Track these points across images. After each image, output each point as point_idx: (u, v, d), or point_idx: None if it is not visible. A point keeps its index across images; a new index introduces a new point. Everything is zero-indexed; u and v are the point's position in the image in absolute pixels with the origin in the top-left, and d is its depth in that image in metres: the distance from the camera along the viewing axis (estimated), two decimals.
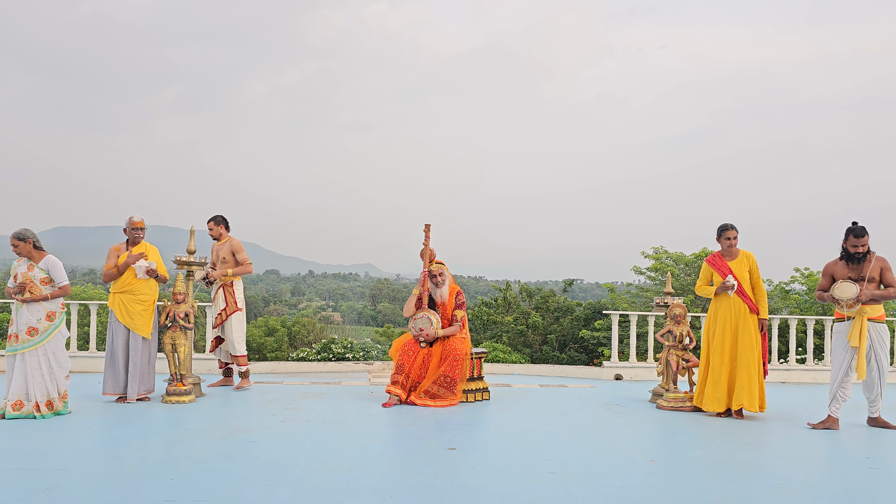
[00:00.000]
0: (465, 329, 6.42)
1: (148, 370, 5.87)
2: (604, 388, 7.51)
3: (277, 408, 5.65)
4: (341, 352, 10.98)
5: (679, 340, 6.30)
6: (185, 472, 3.61)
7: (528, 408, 5.97)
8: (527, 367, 9.13)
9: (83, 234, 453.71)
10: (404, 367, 5.99)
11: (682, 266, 18.98)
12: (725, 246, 5.80)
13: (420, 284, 6.26)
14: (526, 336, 18.11)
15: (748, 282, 5.71)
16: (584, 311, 19.75)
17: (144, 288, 5.85)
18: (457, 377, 5.96)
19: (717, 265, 5.80)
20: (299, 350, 12.08)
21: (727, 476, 3.78)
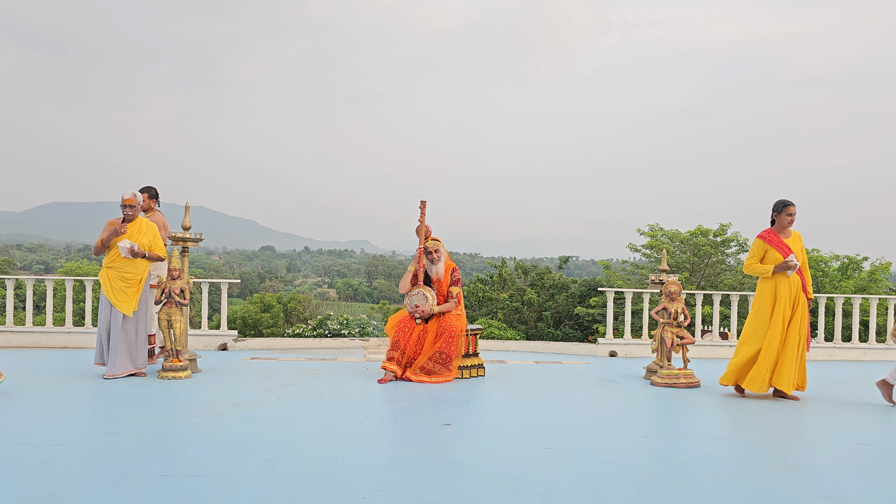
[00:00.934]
0: (461, 306, 6.43)
1: (136, 347, 5.76)
2: (598, 365, 7.55)
3: (273, 383, 5.66)
4: (337, 328, 11.01)
5: (674, 317, 6.32)
6: (182, 447, 3.63)
7: (523, 384, 6.00)
8: (522, 344, 9.17)
9: (77, 210, 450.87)
10: (400, 344, 6.01)
11: (677, 243, 19.00)
12: (787, 222, 5.54)
13: (416, 261, 6.25)
14: (521, 313, 18.19)
15: (803, 261, 5.56)
16: (580, 288, 19.81)
17: (130, 266, 5.76)
18: (452, 353, 5.97)
19: (776, 242, 5.52)
20: (295, 326, 12.11)
21: (720, 452, 3.82)
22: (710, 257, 18.72)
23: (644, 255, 19.05)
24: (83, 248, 79.12)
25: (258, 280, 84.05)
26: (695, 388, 6.02)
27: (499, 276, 20.81)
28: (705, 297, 16.29)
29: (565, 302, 18.68)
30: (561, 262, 21.32)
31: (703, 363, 7.74)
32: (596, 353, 8.54)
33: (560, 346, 9.00)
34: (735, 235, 18.95)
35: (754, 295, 5.68)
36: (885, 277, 18.13)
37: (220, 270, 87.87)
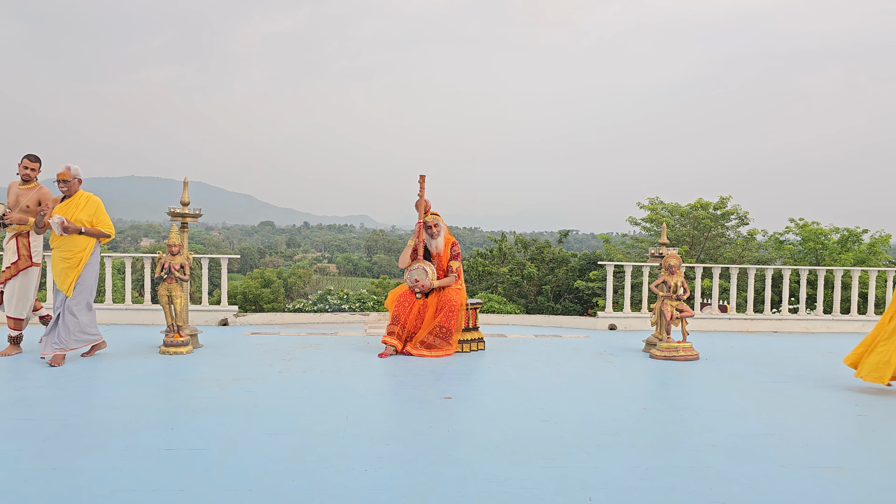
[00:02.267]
0: (461, 280, 6.42)
1: (74, 329, 5.34)
2: (598, 338, 7.58)
3: (274, 358, 5.69)
4: (337, 303, 11.05)
5: (673, 291, 6.33)
6: (184, 422, 3.66)
7: (523, 357, 6.03)
8: (522, 318, 9.20)
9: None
10: (400, 318, 6.03)
11: (677, 217, 18.96)
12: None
13: (415, 236, 6.24)
14: (521, 287, 18.23)
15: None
16: (579, 262, 19.84)
17: (69, 244, 5.37)
18: (452, 328, 6.00)
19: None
20: (295, 301, 12.15)
21: (717, 423, 3.85)
22: (710, 230, 18.70)
23: (644, 229, 19.03)
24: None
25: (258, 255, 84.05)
26: (693, 360, 6.06)
27: (499, 250, 20.81)
28: (705, 271, 16.31)
29: (565, 276, 18.72)
30: (561, 235, 21.31)
31: (701, 336, 7.78)
32: (595, 326, 8.57)
33: (560, 319, 9.03)
34: (735, 208, 18.91)
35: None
36: (884, 250, 18.14)
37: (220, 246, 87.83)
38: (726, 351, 6.73)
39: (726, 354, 6.49)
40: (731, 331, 8.55)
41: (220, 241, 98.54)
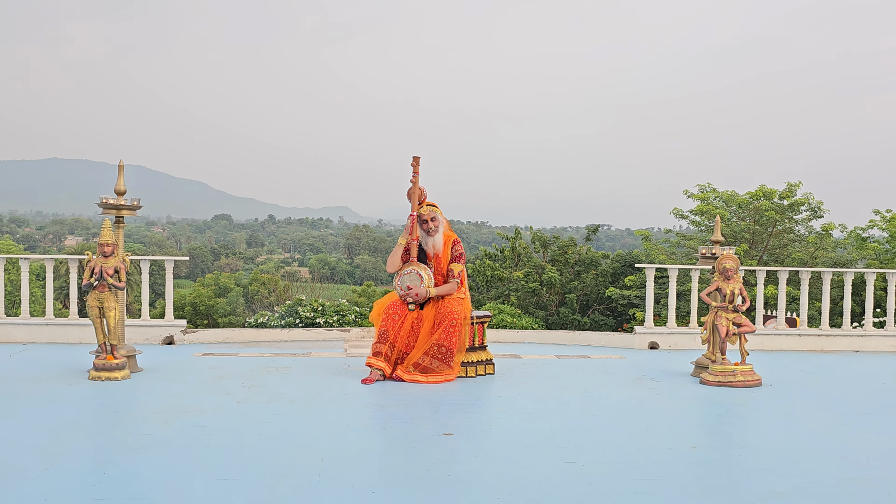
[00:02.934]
0: (465, 287, 6.42)
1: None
2: (636, 360, 7.60)
3: (232, 385, 5.70)
4: (310, 316, 11.04)
5: (729, 300, 6.34)
6: (120, 465, 3.65)
7: (542, 383, 6.04)
8: (540, 334, 9.20)
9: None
10: (389, 335, 6.04)
11: (733, 208, 18.96)
12: None
13: (407, 232, 6.25)
14: (539, 295, 18.27)
15: None
16: (612, 264, 19.88)
17: None
18: (453, 346, 6.01)
19: None
20: (258, 314, 12.14)
21: (784, 466, 3.85)
22: (776, 225, 18.70)
23: (693, 223, 19.02)
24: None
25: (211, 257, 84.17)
26: (755, 387, 6.06)
27: (511, 249, 20.84)
28: (768, 275, 16.32)
29: (594, 282, 18.74)
30: (589, 231, 21.35)
31: (764, 356, 7.78)
32: (632, 344, 8.59)
33: (588, 336, 9.03)
34: (806, 197, 18.90)
35: None
36: None
37: (165, 245, 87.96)
38: (795, 375, 6.74)
39: (795, 379, 6.49)
40: (802, 350, 8.56)
41: (164, 240, 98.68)
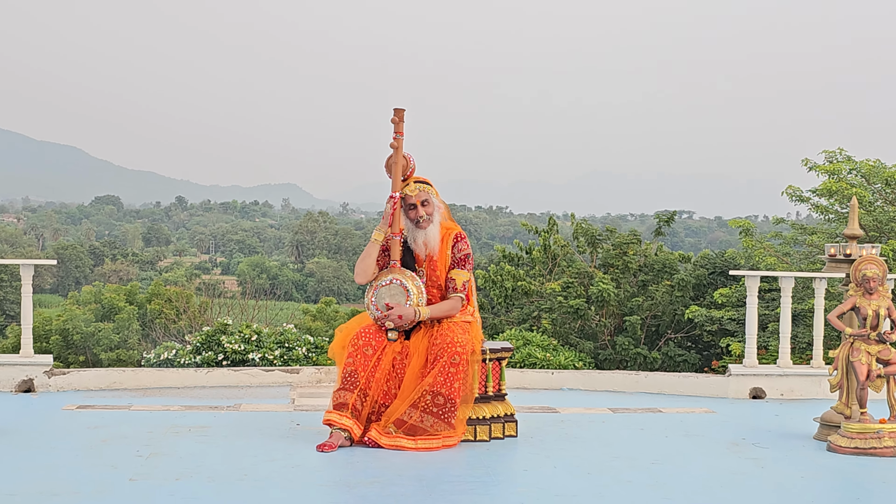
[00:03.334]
0: (473, 306, 6.42)
1: None
2: (731, 414, 7.57)
3: (122, 454, 5.67)
4: (240, 349, 11.00)
5: (872, 325, 6.30)
6: None
7: (590, 451, 6.02)
8: (587, 377, 9.18)
9: None
10: (358, 378, 6.01)
11: (877, 186, 18.89)
12: None
13: (386, 223, 6.22)
14: (586, 318, 18.23)
15: None
16: (695, 270, 19.78)
17: None
18: (455, 395, 5.98)
19: None
20: (161, 347, 12.10)
21: None
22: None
23: (816, 209, 18.94)
24: None
25: (91, 260, 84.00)
26: None
27: (543, 249, 20.78)
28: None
29: (668, 297, 18.71)
30: (660, 222, 21.28)
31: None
32: (726, 392, 8.57)
33: (659, 379, 9.02)
34: None
35: None
36: None
37: (19, 243, 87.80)
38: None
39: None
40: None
41: (18, 234, 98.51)
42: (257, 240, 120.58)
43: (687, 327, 18.82)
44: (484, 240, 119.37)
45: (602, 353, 17.86)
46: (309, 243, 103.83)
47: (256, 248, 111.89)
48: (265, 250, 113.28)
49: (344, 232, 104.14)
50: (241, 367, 10.09)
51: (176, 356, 11.25)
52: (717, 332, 17.90)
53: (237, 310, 26.97)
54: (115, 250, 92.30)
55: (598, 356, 17.70)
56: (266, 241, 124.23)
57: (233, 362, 10.81)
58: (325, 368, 9.31)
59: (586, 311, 17.75)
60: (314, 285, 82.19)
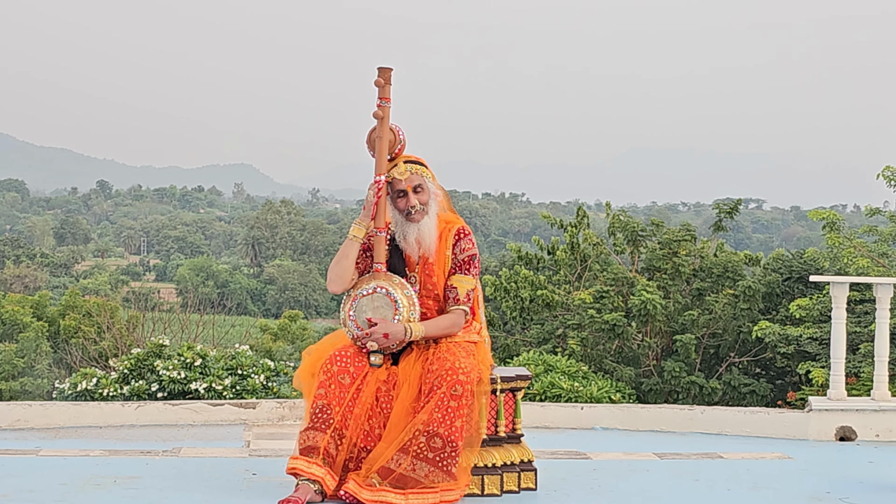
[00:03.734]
0: (479, 320, 6.43)
1: None
2: (812, 461, 7.58)
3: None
4: (180, 377, 11.02)
5: None
6: None
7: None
8: (627, 413, 9.20)
9: None
10: (332, 414, 6.00)
11: None
12: None
13: (368, 215, 6.22)
14: (625, 337, 18.23)
15: None
16: (766, 275, 19.74)
17: None
18: (456, 436, 5.97)
19: None
20: (78, 374, 12.10)
21: None
22: None
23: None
24: None
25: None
26: None
27: (570, 248, 20.76)
28: None
29: (731, 310, 18.71)
30: (721, 213, 21.26)
31: None
32: (805, 432, 8.59)
33: (720, 416, 9.03)
34: None
35: None
36: None
37: None
38: None
39: None
40: None
41: None
42: (202, 237, 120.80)
43: (755, 349, 18.82)
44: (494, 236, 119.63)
45: (646, 382, 17.85)
46: (269, 241, 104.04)
47: (201, 248, 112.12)
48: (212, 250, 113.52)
49: (314, 226, 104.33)
50: (180, 400, 10.10)
51: (97, 386, 11.26)
52: (794, 356, 17.89)
53: (176, 327, 27.02)
54: (19, 250, 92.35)
55: (641, 386, 17.70)
56: (213, 238, 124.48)
57: (170, 394, 10.82)
58: (289, 402, 9.32)
59: (625, 328, 17.75)
60: (275, 295, 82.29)
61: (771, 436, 8.64)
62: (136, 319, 30.11)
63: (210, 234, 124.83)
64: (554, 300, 19.20)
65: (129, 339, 26.35)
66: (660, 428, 8.96)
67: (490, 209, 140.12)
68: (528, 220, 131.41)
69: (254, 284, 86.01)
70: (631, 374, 17.51)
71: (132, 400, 10.30)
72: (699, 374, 17.99)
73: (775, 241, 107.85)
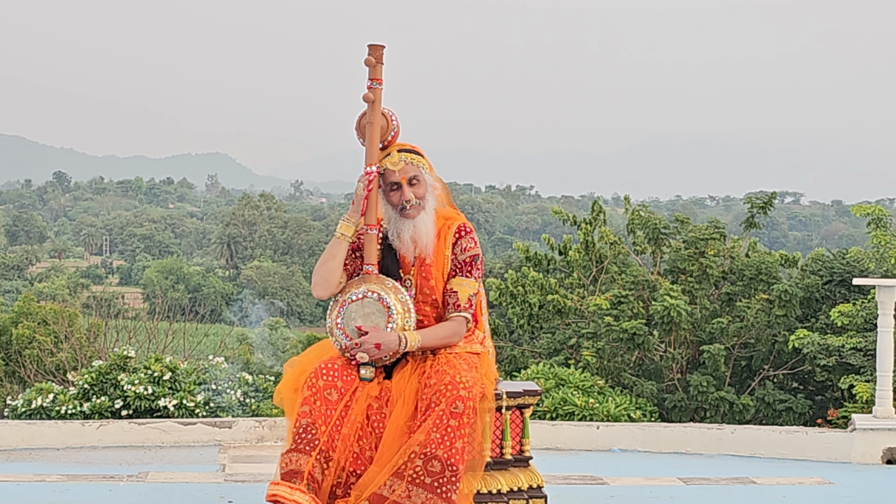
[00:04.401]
0: (482, 328, 6.44)
1: None
2: (856, 486, 7.61)
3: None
4: (147, 393, 11.03)
5: None
6: None
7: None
8: (648, 432, 9.23)
9: None
10: (318, 434, 6.00)
11: None
12: None
13: (358, 210, 6.23)
14: (646, 347, 18.23)
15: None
16: (804, 278, 19.73)
17: None
18: (457, 459, 5.98)
19: None
20: (33, 389, 12.11)
21: None
22: None
23: None
24: None
25: None
26: None
27: (584, 247, 20.75)
28: None
29: (765, 318, 18.72)
30: (753, 208, 21.27)
31: None
32: (848, 454, 8.62)
33: (752, 435, 9.07)
34: None
35: None
36: None
37: None
38: None
39: None
40: None
41: None
42: (171, 235, 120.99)
43: (792, 361, 18.82)
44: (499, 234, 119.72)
45: (669, 398, 17.87)
46: (246, 239, 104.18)
47: (170, 248, 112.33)
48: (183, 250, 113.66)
49: (297, 223, 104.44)
50: (148, 418, 10.11)
51: (54, 403, 11.27)
52: (836, 368, 17.89)
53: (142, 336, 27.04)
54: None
55: (664, 402, 17.72)
56: (184, 236, 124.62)
57: (136, 411, 10.83)
58: (269, 421, 9.34)
59: (646, 337, 17.75)
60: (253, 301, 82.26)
61: (810, 458, 8.65)
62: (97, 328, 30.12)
63: (180, 233, 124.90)
64: (566, 306, 19.21)
65: (90, 350, 26.39)
66: (685, 449, 8.97)
67: (494, 204, 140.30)
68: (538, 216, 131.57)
69: (229, 288, 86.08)
70: (653, 389, 17.52)
71: (93, 418, 10.29)
72: (729, 389, 18.00)
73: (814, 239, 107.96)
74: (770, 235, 70.73)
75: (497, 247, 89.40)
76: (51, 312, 32.46)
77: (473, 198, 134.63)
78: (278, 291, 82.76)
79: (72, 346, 26.41)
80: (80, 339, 27.77)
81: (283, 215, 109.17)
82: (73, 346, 26.44)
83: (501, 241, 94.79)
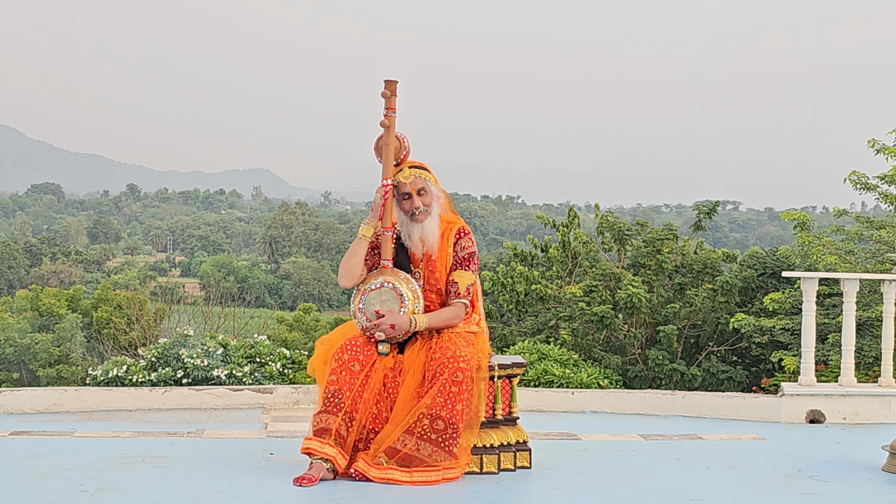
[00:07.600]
0: (478, 312, 6.43)
1: None
2: (784, 442, 7.59)
3: (64, 488, 5.68)
4: (203, 365, 11.02)
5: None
6: None
7: (617, 486, 6.04)
8: (614, 398, 9.19)
9: None
10: (343, 399, 6.00)
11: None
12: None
13: (376, 215, 6.23)
14: (612, 328, 18.21)
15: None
16: (742, 271, 19.71)
17: None
18: (457, 419, 5.98)
19: None
20: (109, 362, 12.10)
21: None
22: None
23: (884, 198, 18.93)
24: None
25: (27, 260, 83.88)
26: None
27: (561, 246, 20.74)
28: None
29: (710, 303, 18.70)
30: (700, 214, 21.24)
31: None
32: (778, 416, 8.59)
33: (700, 401, 9.04)
34: None
35: None
36: None
37: None
38: None
39: None
40: None
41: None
42: (223, 235, 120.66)
43: (732, 339, 18.80)
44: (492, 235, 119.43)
45: (631, 369, 17.84)
46: (284, 240, 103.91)
47: (222, 246, 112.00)
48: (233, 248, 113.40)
49: (326, 226, 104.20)
50: (203, 385, 10.09)
51: (127, 373, 11.26)
52: (768, 345, 17.87)
53: (199, 318, 27.00)
54: (56, 248, 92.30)
55: (627, 373, 17.69)
56: (234, 236, 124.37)
57: (194, 380, 10.82)
58: (303, 387, 9.31)
59: (613, 319, 17.72)
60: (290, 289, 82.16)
61: (746, 419, 8.64)
62: (162, 312, 30.14)
63: (231, 234, 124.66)
64: (547, 294, 19.20)
65: (157, 329, 26.40)
66: (644, 411, 8.95)
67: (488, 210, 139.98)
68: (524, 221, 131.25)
69: (271, 279, 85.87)
70: (618, 362, 17.50)
71: (159, 386, 10.29)
72: (680, 361, 17.96)
73: (750, 239, 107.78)
74: (714, 236, 70.66)
75: (490, 245, 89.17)
76: (124, 299, 32.43)
77: (471, 205, 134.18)
78: (311, 282, 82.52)
79: (141, 327, 26.42)
80: (149, 321, 27.76)
81: (314, 220, 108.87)
82: (142, 327, 26.44)
83: (494, 241, 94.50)
